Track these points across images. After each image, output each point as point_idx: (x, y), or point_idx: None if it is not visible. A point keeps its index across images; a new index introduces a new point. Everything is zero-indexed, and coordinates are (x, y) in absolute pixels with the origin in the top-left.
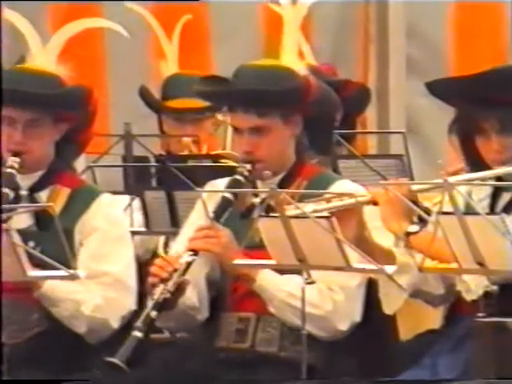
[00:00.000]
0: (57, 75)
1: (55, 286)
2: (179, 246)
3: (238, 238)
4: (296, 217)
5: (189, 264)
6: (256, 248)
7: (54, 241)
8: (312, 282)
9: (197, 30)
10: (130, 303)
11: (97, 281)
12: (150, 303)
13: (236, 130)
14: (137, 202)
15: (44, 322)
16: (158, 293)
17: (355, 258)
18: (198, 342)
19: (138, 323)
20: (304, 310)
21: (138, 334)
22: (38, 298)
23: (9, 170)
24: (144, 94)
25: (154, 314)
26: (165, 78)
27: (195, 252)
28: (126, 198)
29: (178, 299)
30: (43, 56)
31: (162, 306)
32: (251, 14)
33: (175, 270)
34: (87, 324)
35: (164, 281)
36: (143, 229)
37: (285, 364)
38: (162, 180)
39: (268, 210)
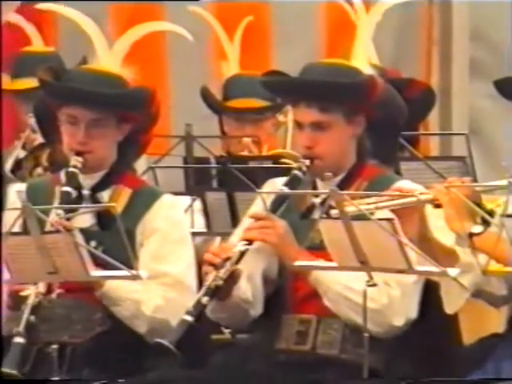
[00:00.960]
0: (121, 76)
1: (116, 286)
2: (235, 238)
3: (299, 238)
4: (357, 219)
5: (242, 253)
6: (317, 249)
7: (116, 241)
8: (374, 285)
9: (258, 31)
10: (191, 304)
11: (157, 281)
12: (202, 289)
13: (298, 124)
14: (198, 203)
15: (107, 322)
16: (210, 279)
17: (417, 258)
18: (259, 344)
19: (190, 308)
20: (366, 311)
21: (188, 317)
22: (100, 297)
23: (72, 169)
24: (205, 95)
25: (205, 299)
26: (226, 78)
27: (250, 242)
28: (187, 199)
29: (231, 289)
30: (109, 58)
31: (214, 293)
32: (312, 14)
33: (228, 258)
34: (148, 324)
35: (217, 268)
36: (204, 230)
37: (346, 366)
38: (223, 181)
39: (329, 210)
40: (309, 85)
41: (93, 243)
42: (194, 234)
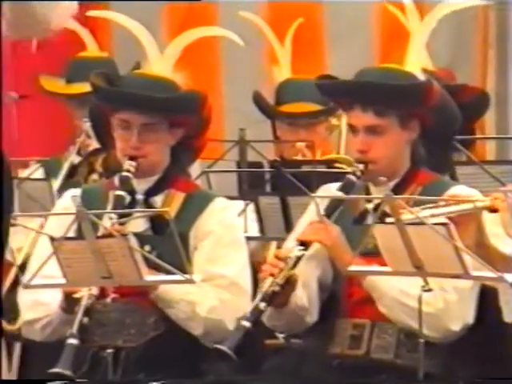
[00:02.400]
0: (173, 81)
1: (170, 288)
2: (290, 243)
3: (352, 243)
4: (412, 223)
5: (298, 258)
6: (370, 254)
7: (169, 245)
8: (429, 290)
9: (310, 34)
10: (245, 305)
11: (212, 283)
12: (258, 295)
13: (352, 129)
14: (251, 208)
15: (160, 326)
16: (267, 285)
17: (473, 263)
18: (312, 348)
19: (247, 314)
20: (421, 315)
21: (245, 323)
22: (154, 300)
23: (125, 174)
24: (257, 100)
25: (262, 305)
26: (278, 83)
27: (305, 247)
28: (240, 204)
29: (289, 296)
30: (160, 63)
31: (271, 298)
32: (366, 17)
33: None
34: (203, 325)
35: (273, 275)
36: (257, 234)
37: (401, 371)
38: (276, 185)
39: (382, 216)
40: (365, 88)
41: (147, 248)
42: (248, 239)
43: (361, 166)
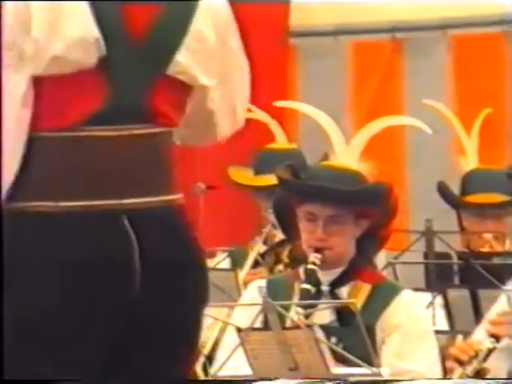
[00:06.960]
0: (359, 172)
1: None
2: (479, 334)
3: None
4: None
5: (490, 351)
6: None
7: (356, 337)
8: None
9: (497, 123)
10: None
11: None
12: None
13: None
14: (439, 300)
15: None
16: (456, 377)
17: None
18: None
19: None
20: None
21: None
22: None
23: (311, 266)
24: (442, 190)
25: None
26: (464, 173)
27: (497, 339)
28: (428, 296)
29: None
30: (346, 154)
31: None
32: None
33: (476, 355)
34: None
35: (463, 365)
36: (446, 328)
37: None
38: (466, 278)
39: None
40: None
41: (333, 339)
42: (436, 333)
43: None
